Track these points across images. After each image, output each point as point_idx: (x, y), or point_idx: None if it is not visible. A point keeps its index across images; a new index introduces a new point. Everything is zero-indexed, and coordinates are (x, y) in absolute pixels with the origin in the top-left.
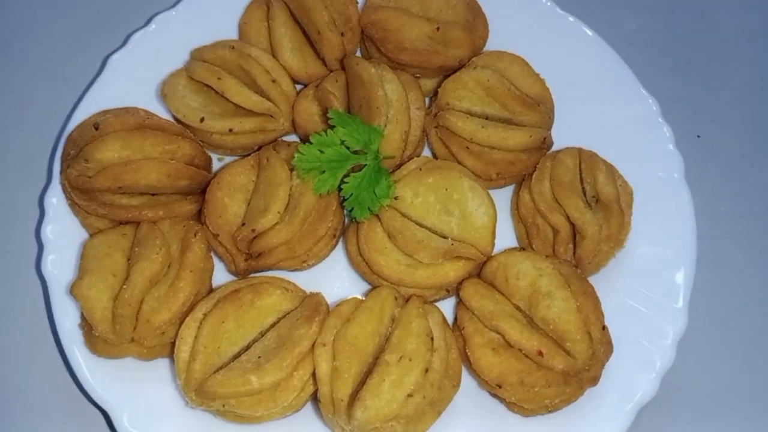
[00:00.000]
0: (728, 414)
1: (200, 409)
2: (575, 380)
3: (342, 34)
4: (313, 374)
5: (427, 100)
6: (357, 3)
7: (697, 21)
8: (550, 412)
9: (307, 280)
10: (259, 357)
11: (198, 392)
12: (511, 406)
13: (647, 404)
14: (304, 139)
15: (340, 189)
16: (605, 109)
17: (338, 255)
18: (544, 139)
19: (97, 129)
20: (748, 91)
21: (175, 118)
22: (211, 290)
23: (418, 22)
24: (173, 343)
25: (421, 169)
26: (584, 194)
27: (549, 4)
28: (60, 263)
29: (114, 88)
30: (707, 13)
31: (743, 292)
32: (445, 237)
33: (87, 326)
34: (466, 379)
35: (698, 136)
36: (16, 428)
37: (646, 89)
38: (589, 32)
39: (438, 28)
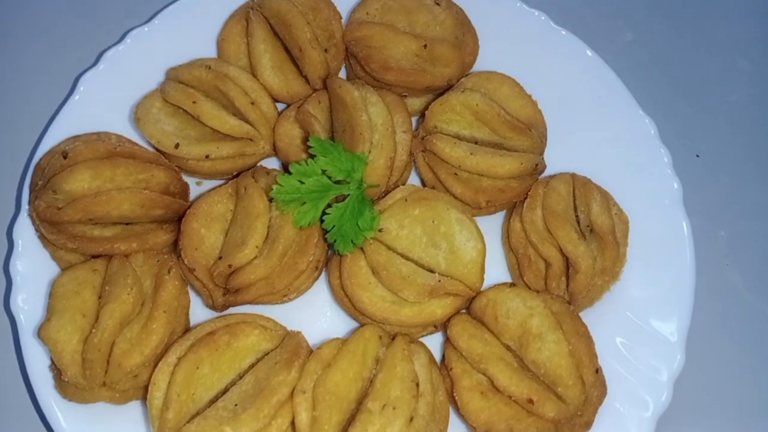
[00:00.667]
0: None
1: None
2: (567, 427)
3: (325, 51)
4: (293, 423)
5: (414, 120)
6: (341, 18)
7: (695, 33)
8: None
9: (288, 314)
10: (236, 405)
11: None
12: None
13: None
14: (286, 164)
15: (322, 220)
16: (601, 131)
17: (321, 286)
18: (536, 165)
19: (65, 158)
20: (746, 109)
21: (150, 144)
22: (187, 326)
23: (404, 39)
24: (147, 386)
25: (406, 200)
26: (578, 223)
27: (543, 18)
28: (30, 300)
29: (85, 109)
30: (705, 25)
31: (743, 323)
32: (432, 271)
33: (57, 370)
34: (455, 421)
35: (697, 156)
36: None
37: (643, 106)
38: (586, 49)
39: (425, 46)
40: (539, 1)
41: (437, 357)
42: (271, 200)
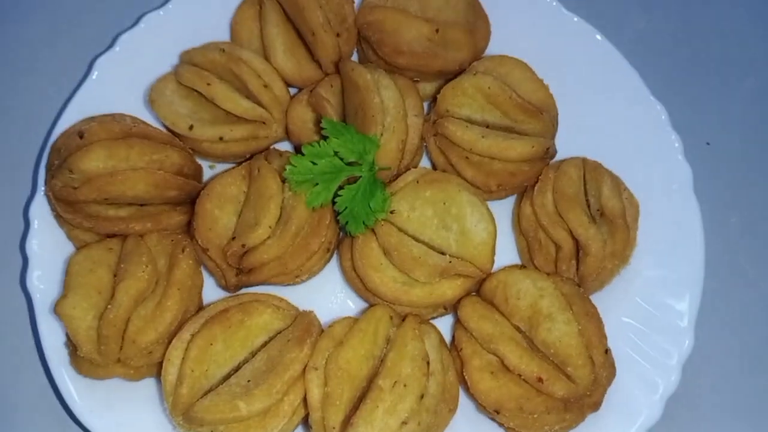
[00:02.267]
0: None
1: None
2: (576, 406)
3: (338, 35)
4: (304, 399)
5: (426, 105)
6: (353, 2)
7: (707, 22)
8: None
9: (299, 296)
10: (249, 381)
11: (185, 417)
12: (510, 431)
13: (651, 428)
14: (298, 147)
15: (334, 202)
16: (612, 116)
17: (332, 268)
18: (547, 149)
19: (81, 138)
20: (757, 96)
21: (164, 126)
22: (200, 306)
23: (416, 23)
24: (161, 363)
25: (418, 182)
26: (588, 207)
27: (554, 3)
28: (45, 278)
29: (101, 92)
30: (717, 12)
31: (754, 309)
32: (442, 253)
33: (72, 346)
34: (464, 401)
35: (708, 144)
36: None
37: (654, 94)
38: (597, 35)
39: (437, 30)
40: None
41: (447, 340)
42: (284, 181)
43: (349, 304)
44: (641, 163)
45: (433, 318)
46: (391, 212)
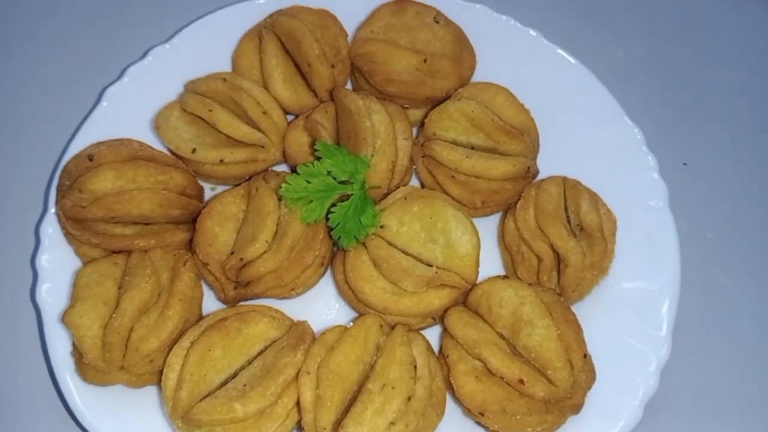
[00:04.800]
0: None
1: None
2: (557, 408)
3: (332, 66)
4: (298, 403)
5: (415, 130)
6: (347, 35)
7: (683, 48)
8: None
9: (295, 309)
10: (245, 385)
11: (184, 420)
12: None
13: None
14: (294, 169)
15: (327, 218)
16: (590, 138)
17: (326, 284)
18: (528, 168)
19: (91, 160)
20: (733, 118)
21: (169, 149)
22: (200, 318)
23: (405, 54)
24: (162, 371)
25: (406, 198)
26: (569, 223)
27: (535, 34)
28: (54, 292)
29: (110, 119)
30: (693, 41)
31: (729, 319)
32: (430, 265)
33: (78, 354)
34: (451, 406)
35: (684, 164)
36: None
37: (631, 117)
38: (576, 65)
39: (425, 60)
40: (533, 19)
41: (436, 351)
42: (280, 199)
43: (342, 316)
44: (619, 181)
45: (422, 328)
46: (381, 227)
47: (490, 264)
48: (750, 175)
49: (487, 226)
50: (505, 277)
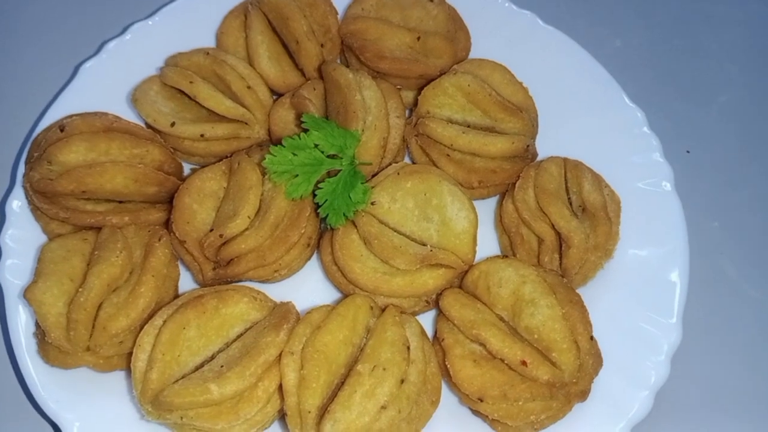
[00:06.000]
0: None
1: (157, 422)
2: (562, 394)
3: (321, 45)
4: (280, 387)
5: (407, 111)
6: (337, 13)
7: (683, 38)
8: (536, 430)
9: (278, 294)
10: (222, 366)
11: (154, 404)
12: (494, 424)
13: (640, 422)
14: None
15: (314, 195)
16: (589, 121)
17: (312, 268)
18: (527, 146)
19: (62, 131)
20: (736, 108)
21: (146, 124)
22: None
23: (398, 32)
24: (131, 354)
25: (398, 174)
26: (570, 204)
27: (530, 15)
28: (17, 269)
29: (84, 95)
30: (692, 32)
31: (737, 307)
32: (424, 244)
33: (41, 334)
34: (446, 396)
35: (687, 152)
36: None
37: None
38: (574, 46)
39: (419, 38)
40: (528, 8)
41: (430, 337)
42: (264, 174)
43: (329, 302)
44: (621, 164)
45: (415, 313)
46: (372, 204)
47: (487, 250)
48: (753, 162)
49: (483, 211)
50: (505, 256)
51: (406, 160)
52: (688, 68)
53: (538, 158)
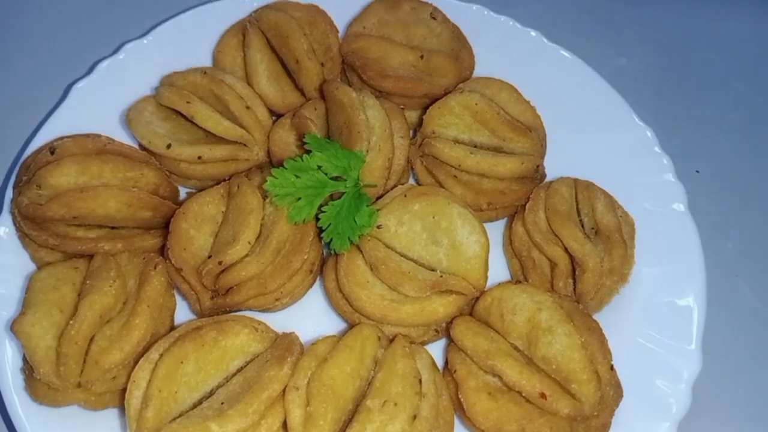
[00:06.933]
0: None
1: None
2: (582, 428)
3: (322, 64)
4: (285, 424)
5: (411, 132)
6: (338, 32)
7: (688, 56)
8: None
9: (280, 324)
10: (222, 403)
11: None
12: None
13: None
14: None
15: (317, 219)
16: (598, 141)
17: (315, 295)
18: (537, 167)
19: (53, 153)
20: (744, 127)
21: (141, 146)
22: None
23: (401, 50)
24: (125, 391)
25: (405, 195)
26: (582, 226)
27: (535, 34)
28: (4, 300)
29: (76, 116)
30: (698, 49)
31: (756, 329)
32: (433, 270)
33: (29, 369)
34: (459, 431)
35: (697, 171)
36: None
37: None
38: (577, 60)
39: (422, 57)
40: (530, 27)
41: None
42: (264, 197)
43: (334, 332)
44: (633, 185)
45: (423, 342)
46: (378, 227)
47: (496, 274)
48: (763, 181)
49: (491, 234)
50: (518, 282)
51: (411, 181)
52: (694, 87)
53: (547, 179)
